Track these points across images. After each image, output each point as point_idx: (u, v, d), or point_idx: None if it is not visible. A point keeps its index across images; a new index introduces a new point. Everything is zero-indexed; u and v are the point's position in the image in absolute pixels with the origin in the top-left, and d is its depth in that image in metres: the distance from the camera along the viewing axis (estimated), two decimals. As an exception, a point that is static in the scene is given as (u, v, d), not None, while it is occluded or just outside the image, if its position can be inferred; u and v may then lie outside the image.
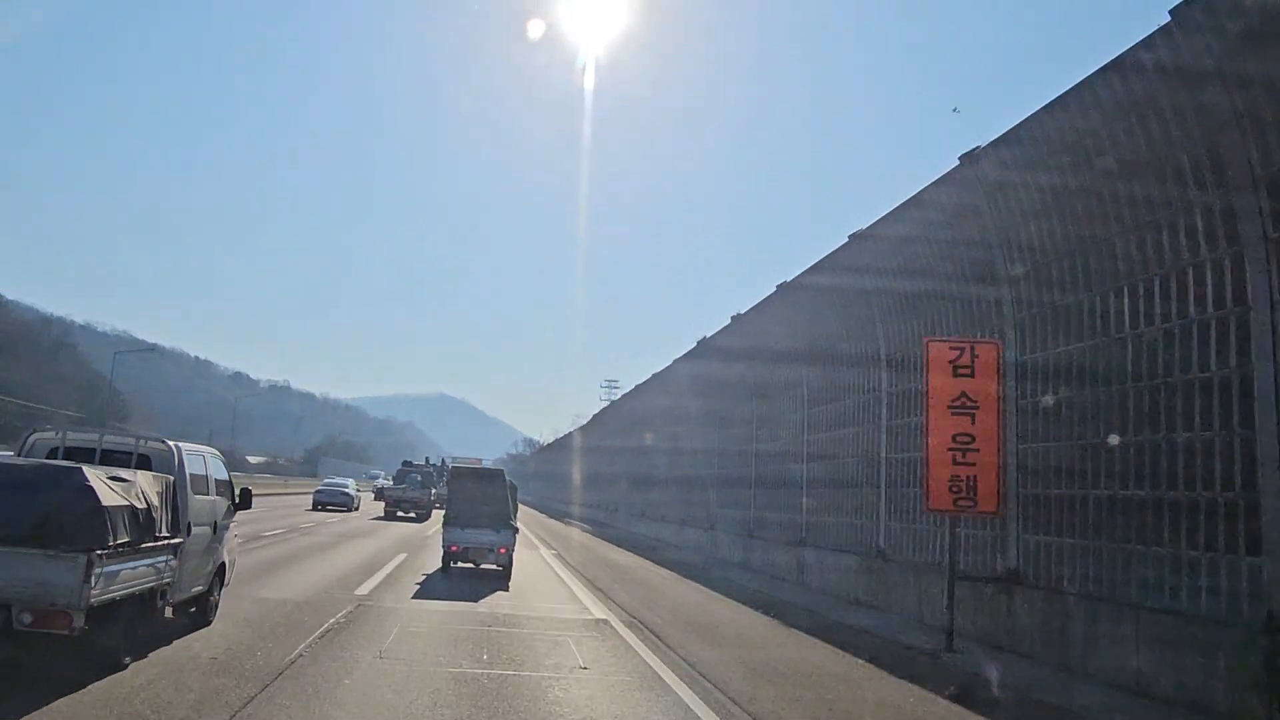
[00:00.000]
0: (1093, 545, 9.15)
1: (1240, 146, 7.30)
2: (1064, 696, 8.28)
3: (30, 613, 6.11)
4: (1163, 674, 7.96)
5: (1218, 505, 7.68)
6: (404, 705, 6.77)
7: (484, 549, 15.77)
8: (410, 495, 37.65)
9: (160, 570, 7.51)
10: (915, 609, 12.61)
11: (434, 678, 7.77)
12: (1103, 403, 9.19)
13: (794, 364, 18.56)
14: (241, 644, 8.36)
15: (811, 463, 17.62)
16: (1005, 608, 10.45)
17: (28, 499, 6.34)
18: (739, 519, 22.56)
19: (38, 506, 6.32)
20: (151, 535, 7.27)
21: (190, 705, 6.24)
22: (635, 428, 37.97)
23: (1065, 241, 9.70)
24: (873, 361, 14.82)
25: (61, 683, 6.27)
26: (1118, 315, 8.98)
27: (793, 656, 9.98)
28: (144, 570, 7.16)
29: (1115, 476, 8.89)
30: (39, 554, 6.16)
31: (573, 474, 57.91)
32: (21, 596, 6.10)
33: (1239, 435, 7.51)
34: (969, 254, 11.47)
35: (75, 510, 6.36)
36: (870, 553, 14.42)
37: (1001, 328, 10.97)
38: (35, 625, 6.13)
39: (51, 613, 6.11)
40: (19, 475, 6.58)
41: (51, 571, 6.13)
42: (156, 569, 7.43)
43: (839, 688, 8.52)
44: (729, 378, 23.69)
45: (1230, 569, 7.51)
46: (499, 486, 16.57)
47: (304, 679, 7.26)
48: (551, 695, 7.41)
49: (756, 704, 7.54)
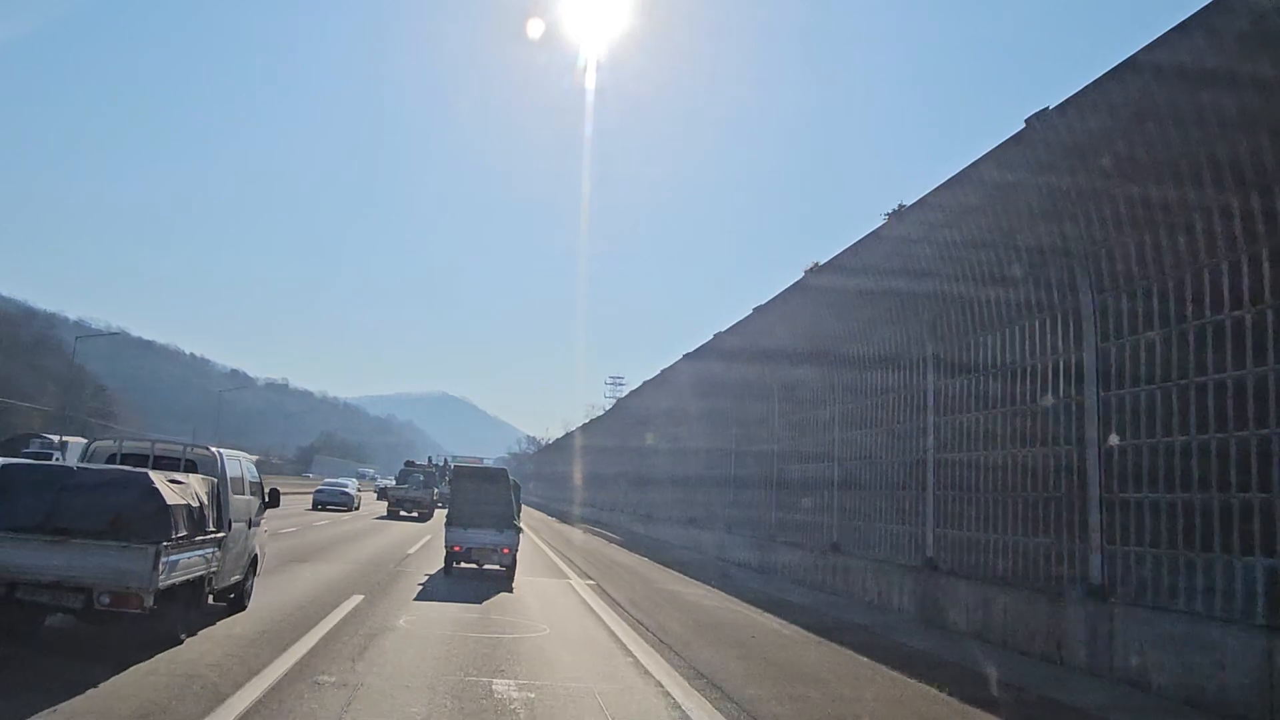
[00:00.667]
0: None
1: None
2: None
3: (109, 594, 7.43)
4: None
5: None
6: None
7: (487, 549, 15.89)
8: (413, 495, 38.93)
9: (209, 560, 8.86)
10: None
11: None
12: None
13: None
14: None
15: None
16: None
17: (104, 499, 7.68)
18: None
19: (112, 506, 7.66)
20: (203, 530, 8.63)
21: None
22: (664, 424, 34.70)
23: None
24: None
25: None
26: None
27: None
28: (197, 560, 8.50)
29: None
30: (115, 546, 7.49)
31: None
32: (101, 581, 7.43)
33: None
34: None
35: (144, 509, 7.70)
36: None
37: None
38: (113, 605, 7.45)
39: (126, 595, 7.44)
40: (96, 479, 7.92)
41: (126, 560, 7.45)
42: (206, 559, 8.77)
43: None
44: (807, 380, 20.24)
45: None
46: (502, 486, 16.72)
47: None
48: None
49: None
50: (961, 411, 12.80)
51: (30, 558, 7.35)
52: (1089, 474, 9.76)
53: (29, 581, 7.34)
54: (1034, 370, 11.01)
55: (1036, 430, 10.92)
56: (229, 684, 7.00)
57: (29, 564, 7.34)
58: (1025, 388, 11.20)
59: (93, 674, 6.84)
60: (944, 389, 13.27)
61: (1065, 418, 10.32)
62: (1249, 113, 7.58)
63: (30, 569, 7.34)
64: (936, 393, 13.44)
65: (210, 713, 6.19)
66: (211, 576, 9.10)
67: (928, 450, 13.51)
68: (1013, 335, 11.45)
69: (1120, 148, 8.86)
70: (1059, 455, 10.41)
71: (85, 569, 7.43)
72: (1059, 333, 10.52)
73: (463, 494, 16.62)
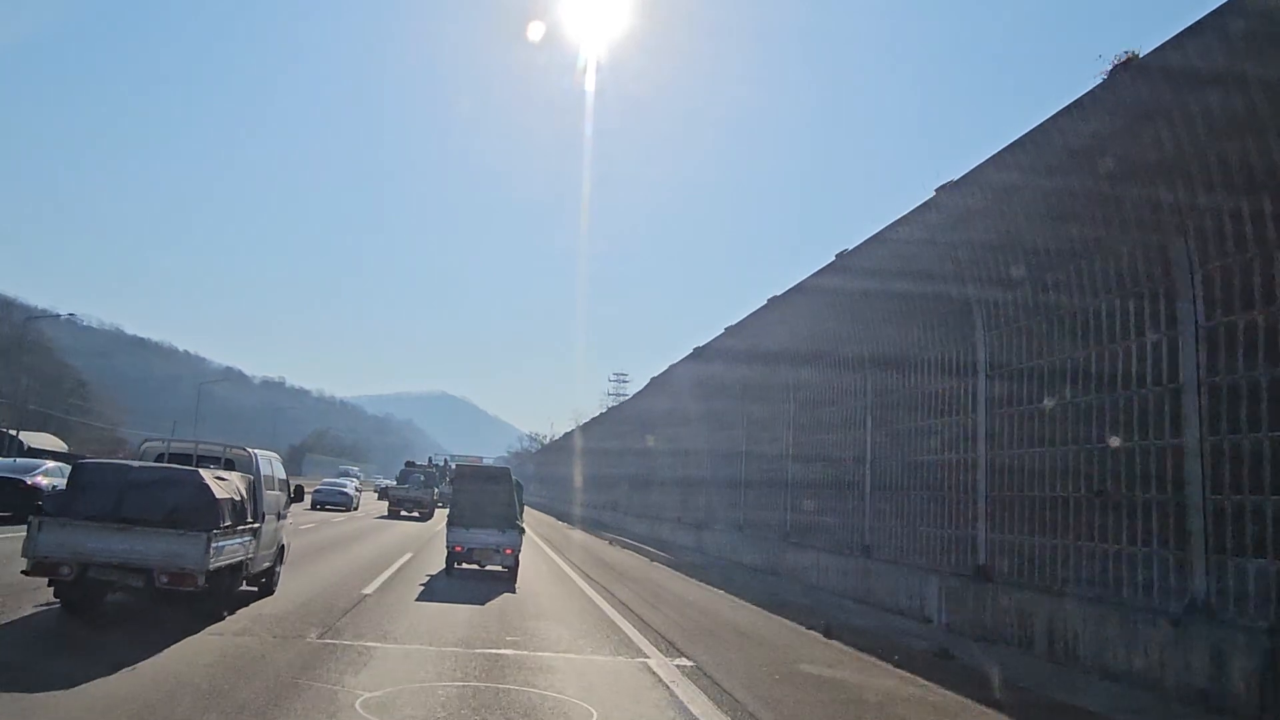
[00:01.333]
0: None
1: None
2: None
3: (167, 574, 8.81)
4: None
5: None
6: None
7: (489, 550, 16.03)
8: (414, 495, 40.23)
9: (246, 548, 10.23)
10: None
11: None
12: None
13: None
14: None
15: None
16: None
17: (163, 493, 9.06)
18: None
19: (169, 499, 9.04)
20: (243, 520, 10.01)
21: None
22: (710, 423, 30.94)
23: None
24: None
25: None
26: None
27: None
28: (237, 547, 9.88)
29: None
30: (172, 533, 8.87)
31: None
32: (160, 563, 8.80)
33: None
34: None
35: (197, 501, 9.08)
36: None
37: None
38: (171, 584, 8.83)
39: (183, 575, 8.81)
40: (155, 476, 9.31)
41: (182, 545, 8.83)
42: (244, 546, 10.15)
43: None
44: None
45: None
46: (504, 486, 16.89)
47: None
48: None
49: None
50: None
51: (101, 542, 8.73)
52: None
53: (100, 563, 8.73)
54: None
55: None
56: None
57: (100, 548, 8.73)
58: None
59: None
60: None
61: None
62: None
63: (101, 552, 8.73)
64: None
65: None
66: (248, 562, 10.48)
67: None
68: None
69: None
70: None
71: (147, 552, 8.81)
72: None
73: (464, 494, 16.74)
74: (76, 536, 8.72)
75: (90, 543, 8.73)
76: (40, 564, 8.69)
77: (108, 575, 8.81)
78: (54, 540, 8.67)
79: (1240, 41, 7.48)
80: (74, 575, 8.73)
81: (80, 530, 8.75)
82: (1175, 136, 8.39)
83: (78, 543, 8.71)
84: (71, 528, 8.73)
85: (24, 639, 8.34)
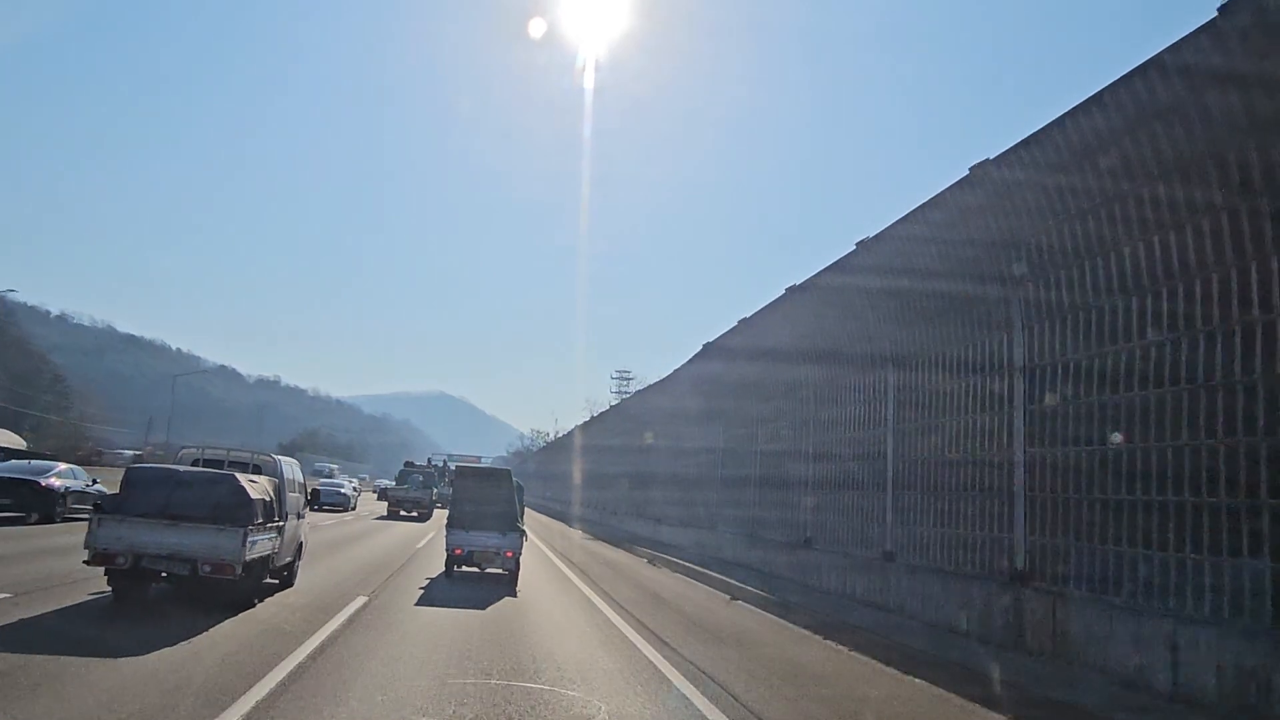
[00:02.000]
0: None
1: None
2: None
3: (210, 565, 10.34)
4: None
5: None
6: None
7: (489, 552, 16.07)
8: (412, 495, 41.81)
9: (273, 543, 11.76)
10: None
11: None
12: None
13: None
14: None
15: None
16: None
17: (205, 493, 10.60)
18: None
19: (211, 498, 10.58)
20: (270, 519, 11.53)
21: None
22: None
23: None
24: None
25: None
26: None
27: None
28: (266, 542, 11.41)
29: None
30: (213, 528, 10.40)
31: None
32: (204, 555, 10.34)
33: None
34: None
35: (234, 501, 10.62)
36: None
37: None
38: (213, 573, 10.37)
39: (222, 565, 10.35)
40: (198, 478, 10.86)
41: (222, 539, 10.36)
42: (272, 542, 11.67)
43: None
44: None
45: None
46: (505, 487, 16.94)
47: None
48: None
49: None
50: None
51: (152, 536, 10.27)
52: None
53: (151, 554, 10.27)
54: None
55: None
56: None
57: (151, 541, 10.26)
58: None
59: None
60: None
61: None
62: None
63: (152, 545, 10.26)
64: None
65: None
66: (274, 556, 12.01)
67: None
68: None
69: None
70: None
71: (192, 545, 10.36)
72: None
73: (464, 495, 16.77)
74: (131, 531, 10.26)
75: (143, 536, 10.27)
76: (100, 555, 10.23)
77: (158, 565, 10.35)
78: (111, 534, 10.21)
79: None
80: (129, 565, 10.27)
81: (134, 526, 10.29)
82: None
83: (132, 537, 10.25)
84: (126, 523, 10.27)
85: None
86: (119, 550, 10.22)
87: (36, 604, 10.17)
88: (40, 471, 23.45)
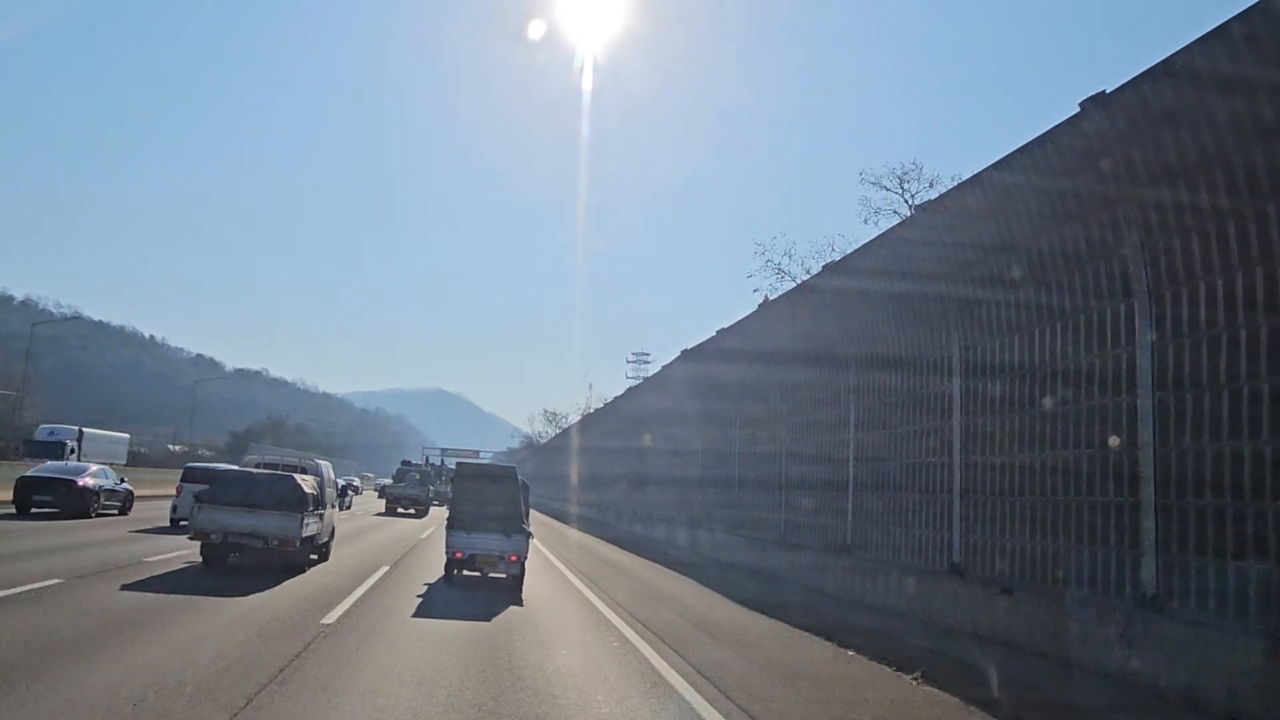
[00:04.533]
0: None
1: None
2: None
3: (277, 540, 15.24)
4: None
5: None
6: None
7: (492, 556, 15.87)
8: (409, 493, 46.79)
9: (318, 525, 16.64)
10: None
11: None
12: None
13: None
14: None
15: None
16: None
17: (272, 488, 15.55)
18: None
19: (277, 491, 15.51)
20: (316, 507, 16.42)
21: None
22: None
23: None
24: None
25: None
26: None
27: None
28: (314, 524, 16.31)
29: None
30: (279, 513, 15.31)
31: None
32: (272, 533, 15.24)
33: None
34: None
35: (293, 493, 15.54)
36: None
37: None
38: (279, 546, 15.31)
39: (286, 540, 15.27)
40: (267, 477, 15.82)
41: (286, 521, 15.26)
42: (317, 525, 16.57)
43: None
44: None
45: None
46: (509, 486, 16.83)
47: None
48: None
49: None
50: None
51: (235, 519, 15.16)
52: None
53: (235, 531, 15.16)
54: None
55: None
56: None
57: (235, 523, 15.16)
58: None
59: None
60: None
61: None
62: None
63: (235, 526, 15.16)
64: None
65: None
66: (317, 536, 16.84)
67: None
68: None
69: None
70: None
71: (264, 525, 15.24)
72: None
73: (465, 494, 16.59)
74: (221, 515, 15.17)
75: (230, 520, 15.16)
76: (199, 533, 15.14)
77: (240, 539, 15.27)
78: (208, 518, 15.10)
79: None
80: (219, 540, 15.16)
81: (223, 511, 15.19)
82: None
83: (222, 519, 15.16)
84: (218, 510, 15.18)
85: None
86: (213, 529, 15.13)
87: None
88: (77, 472, 28.31)
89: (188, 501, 19.89)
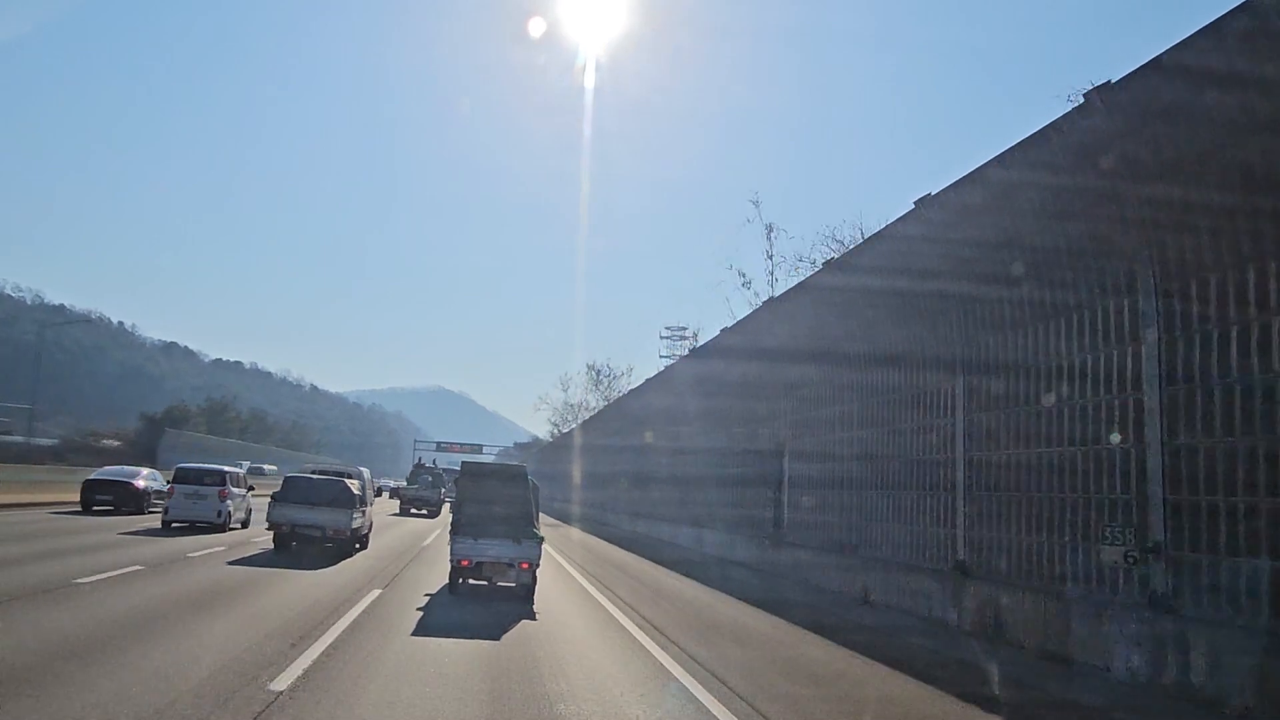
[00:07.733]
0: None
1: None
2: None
3: (332, 530, 21.05)
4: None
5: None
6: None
7: (501, 564, 15.49)
8: (422, 494, 52.44)
9: (362, 520, 22.34)
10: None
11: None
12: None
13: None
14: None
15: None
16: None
17: (328, 489, 21.48)
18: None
19: (332, 492, 21.43)
20: (361, 505, 22.21)
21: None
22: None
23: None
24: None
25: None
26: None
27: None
28: (360, 519, 22.10)
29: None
30: (334, 510, 21.18)
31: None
32: (329, 525, 21.11)
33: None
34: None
35: (344, 494, 21.48)
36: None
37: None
38: (334, 536, 21.21)
39: (340, 530, 21.24)
40: (324, 481, 21.59)
41: (340, 516, 21.20)
42: (362, 519, 22.34)
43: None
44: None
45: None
46: (519, 488, 16.39)
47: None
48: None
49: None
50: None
51: (301, 515, 20.98)
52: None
53: (300, 524, 20.96)
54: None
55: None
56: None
57: (300, 518, 20.98)
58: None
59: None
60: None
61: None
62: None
63: (301, 520, 21.00)
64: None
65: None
66: (360, 528, 22.46)
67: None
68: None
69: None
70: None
71: (323, 520, 21.06)
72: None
73: (471, 496, 16.22)
74: (289, 511, 20.95)
75: (296, 515, 20.90)
76: (273, 525, 20.92)
77: (305, 530, 21.08)
78: (280, 513, 20.87)
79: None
80: (288, 530, 20.85)
81: (291, 508, 20.99)
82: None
83: (290, 514, 20.92)
84: (287, 506, 20.94)
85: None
86: (283, 522, 20.89)
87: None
88: (132, 475, 34.01)
89: (180, 503, 25.61)
